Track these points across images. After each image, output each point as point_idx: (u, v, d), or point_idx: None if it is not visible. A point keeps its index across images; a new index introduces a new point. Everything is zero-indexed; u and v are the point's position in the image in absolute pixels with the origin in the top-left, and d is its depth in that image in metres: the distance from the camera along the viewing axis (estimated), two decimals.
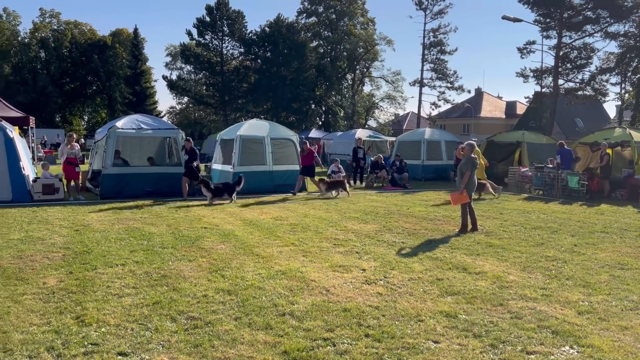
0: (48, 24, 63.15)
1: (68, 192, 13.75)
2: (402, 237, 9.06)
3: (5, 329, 4.57)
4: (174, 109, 71.46)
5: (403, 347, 4.35)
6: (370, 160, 20.79)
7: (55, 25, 63.72)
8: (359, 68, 61.32)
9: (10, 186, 12.67)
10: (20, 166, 12.90)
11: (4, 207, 11.71)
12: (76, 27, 64.79)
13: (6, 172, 12.66)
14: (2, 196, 12.51)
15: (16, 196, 12.65)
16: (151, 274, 6.44)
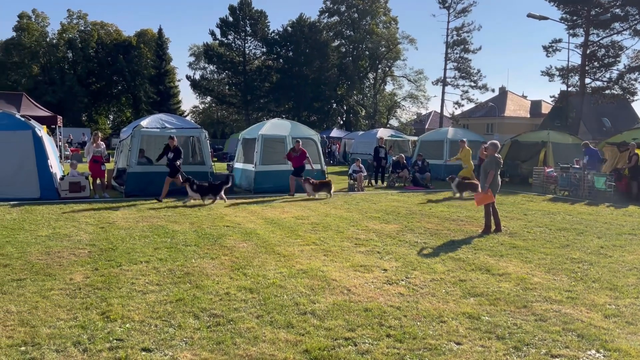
0: (75, 25, 64.37)
1: (94, 190, 14.01)
2: (424, 238, 9.00)
3: (34, 323, 4.68)
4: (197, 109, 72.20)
5: (425, 348, 4.33)
6: (392, 160, 20.69)
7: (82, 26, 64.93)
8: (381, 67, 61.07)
9: (39, 184, 12.97)
10: (48, 164, 13.20)
11: (33, 205, 11.99)
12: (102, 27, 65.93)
13: (35, 170, 12.96)
14: (31, 193, 12.81)
15: (44, 193, 12.94)
16: (174, 271, 6.53)
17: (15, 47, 59.00)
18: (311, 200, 14.12)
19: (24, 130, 13.11)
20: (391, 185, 18.77)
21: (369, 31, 56.61)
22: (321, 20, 58.56)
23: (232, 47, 58.58)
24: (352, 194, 16.07)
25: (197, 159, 15.88)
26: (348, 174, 18.59)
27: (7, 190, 12.62)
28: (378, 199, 14.83)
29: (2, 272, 6.32)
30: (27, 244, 7.90)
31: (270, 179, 15.76)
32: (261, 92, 58.48)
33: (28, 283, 5.88)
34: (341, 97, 58.32)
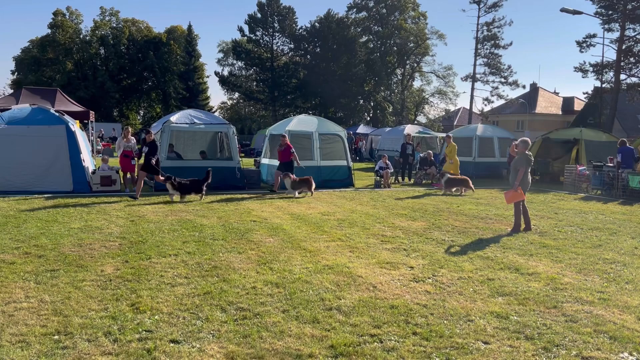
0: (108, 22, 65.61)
1: (124, 184, 14.28)
2: (452, 236, 8.91)
3: (67, 313, 4.81)
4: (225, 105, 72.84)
5: (452, 346, 4.28)
6: (419, 157, 20.52)
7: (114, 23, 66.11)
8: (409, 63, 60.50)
9: (72, 177, 13.29)
10: (81, 158, 13.52)
11: (65, 198, 12.30)
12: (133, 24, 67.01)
13: (68, 164, 13.29)
14: (64, 187, 13.14)
15: (76, 187, 13.26)
16: (202, 264, 6.61)
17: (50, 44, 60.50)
18: (337, 197, 14.11)
19: (58, 125, 13.45)
20: (418, 182, 18.62)
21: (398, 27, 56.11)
22: (349, 15, 58.32)
23: (260, 43, 58.86)
24: (378, 191, 16.00)
25: (224, 155, 16.06)
26: (374, 171, 18.52)
27: (42, 184, 12.97)
28: (405, 195, 14.72)
29: (36, 262, 6.51)
30: (61, 235, 8.11)
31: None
32: (288, 88, 58.64)
33: (61, 274, 6.05)
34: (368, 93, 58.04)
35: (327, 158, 16.38)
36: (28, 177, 12.93)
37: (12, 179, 12.83)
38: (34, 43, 62.20)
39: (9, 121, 13.20)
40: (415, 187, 17.58)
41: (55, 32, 60.75)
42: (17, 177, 12.86)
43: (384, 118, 57.40)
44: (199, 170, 14.84)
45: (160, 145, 14.71)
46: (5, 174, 12.78)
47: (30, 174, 12.96)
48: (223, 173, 15.03)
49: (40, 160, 13.01)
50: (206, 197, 13.04)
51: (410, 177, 19.58)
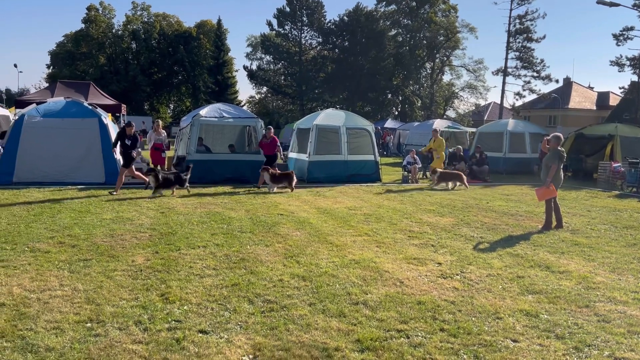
0: (139, 17, 66.65)
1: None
2: (481, 232, 8.78)
3: (99, 301, 4.93)
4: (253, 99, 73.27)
5: (480, 344, 4.23)
6: (448, 152, 20.27)
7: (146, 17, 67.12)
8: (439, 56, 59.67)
9: (104, 169, 13.59)
10: (113, 151, 13.79)
11: (98, 189, 12.58)
12: (164, 19, 67.92)
13: (100, 157, 13.60)
14: (96, 178, 13.45)
15: (108, 179, 13.54)
16: (230, 256, 6.69)
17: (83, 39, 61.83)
18: (364, 191, 14.06)
19: (91, 118, 13.76)
20: None
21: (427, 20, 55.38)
22: (378, 9, 57.84)
23: (288, 37, 58.96)
24: (405, 186, 15.89)
25: (252, 148, 16.17)
26: (402, 166, 18.39)
27: (75, 175, 13.30)
28: (433, 191, 14.58)
29: (70, 252, 6.69)
30: (93, 226, 8.31)
31: (323, 169, 15.83)
32: (316, 83, 58.62)
33: (94, 263, 6.20)
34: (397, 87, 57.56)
35: (354, 152, 16.33)
36: (62, 168, 13.27)
37: (47, 170, 13.19)
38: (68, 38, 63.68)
39: (44, 114, 13.57)
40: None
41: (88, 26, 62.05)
42: (52, 168, 13.22)
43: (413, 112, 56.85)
44: (227, 164, 15.04)
45: (190, 138, 14.92)
46: (40, 166, 13.16)
47: (64, 165, 13.30)
48: (251, 166, 15.14)
49: (73, 152, 13.35)
50: (232, 190, 13.15)
51: None
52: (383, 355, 3.97)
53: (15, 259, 6.29)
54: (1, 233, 7.61)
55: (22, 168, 13.12)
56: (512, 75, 49.17)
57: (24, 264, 6.06)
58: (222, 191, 13.06)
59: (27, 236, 7.46)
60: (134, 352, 3.90)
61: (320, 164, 15.83)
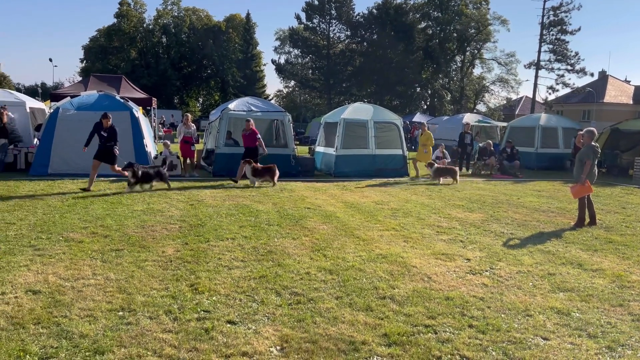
0: (170, 11, 67.57)
1: (184, 169, 14.74)
2: (511, 228, 8.64)
3: (130, 291, 5.04)
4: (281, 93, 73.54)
5: (509, 341, 4.17)
6: (478, 147, 19.99)
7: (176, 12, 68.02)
8: (470, 49, 58.75)
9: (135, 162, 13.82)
10: (144, 143, 14.05)
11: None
12: (194, 13, 68.67)
13: (132, 149, 13.84)
14: None
15: None
16: (258, 249, 6.74)
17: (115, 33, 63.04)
18: (391, 186, 13.98)
19: (123, 111, 14.02)
20: (476, 173, 18.16)
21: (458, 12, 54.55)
22: (407, 1, 57.26)
23: (316, 31, 58.88)
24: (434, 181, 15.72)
25: (280, 142, 16.23)
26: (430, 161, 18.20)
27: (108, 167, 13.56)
28: (462, 186, 14.40)
29: (103, 242, 6.85)
30: (125, 217, 8.48)
31: (350, 163, 15.79)
32: (344, 76, 58.45)
33: (125, 253, 6.33)
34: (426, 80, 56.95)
35: (382, 147, 16.24)
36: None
37: (81, 162, 13.48)
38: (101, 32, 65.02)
39: (78, 107, 13.89)
40: (473, 177, 17.15)
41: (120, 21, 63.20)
42: (86, 160, 13.49)
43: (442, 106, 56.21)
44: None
45: (219, 132, 15.07)
46: (74, 158, 13.47)
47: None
48: (278, 160, 15.20)
49: None
50: (261, 184, 13.24)
51: (468, 167, 19.11)
52: (410, 350, 3.95)
53: (50, 248, 6.48)
54: (37, 223, 7.85)
55: (56, 160, 13.47)
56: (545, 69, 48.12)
57: (59, 253, 6.24)
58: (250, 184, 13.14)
59: (61, 226, 7.67)
60: (164, 340, 3.98)
61: (347, 158, 15.80)
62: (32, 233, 7.19)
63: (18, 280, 5.20)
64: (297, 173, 15.34)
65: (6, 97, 16.76)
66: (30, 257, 6.02)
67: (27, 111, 16.37)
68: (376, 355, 3.86)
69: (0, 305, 4.56)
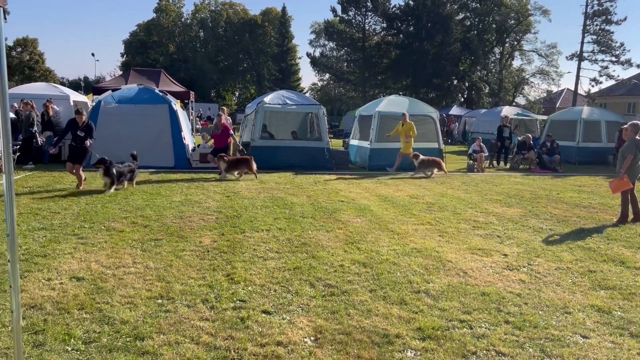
0: (207, 5, 68.37)
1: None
2: (550, 224, 8.44)
3: (169, 279, 5.17)
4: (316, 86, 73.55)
5: (547, 338, 4.09)
6: (517, 140, 19.54)
7: (213, 6, 68.76)
8: (509, 41, 57.28)
9: (173, 154, 14.15)
10: (182, 136, 14.33)
11: (168, 173, 13.13)
12: (231, 7, 69.28)
13: (170, 142, 14.16)
14: (166, 163, 14.02)
15: (177, 163, 14.11)
16: (292, 240, 6.80)
17: (154, 28, 64.28)
18: (426, 180, 13.84)
19: (162, 104, 14.33)
20: (515, 167, 17.78)
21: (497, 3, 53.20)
22: None
23: (352, 23, 58.52)
24: (471, 175, 15.49)
25: (314, 135, 16.28)
26: (467, 154, 17.92)
27: (147, 159, 13.88)
28: (499, 181, 14.13)
29: (142, 232, 7.04)
30: (164, 208, 8.69)
31: (385, 156, 15.69)
32: (379, 69, 57.96)
33: (164, 243, 6.49)
34: (463, 73, 55.89)
35: (418, 140, 16.04)
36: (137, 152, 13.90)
37: (121, 154, 13.81)
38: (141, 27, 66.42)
39: (118, 100, 14.27)
40: (511, 172, 16.80)
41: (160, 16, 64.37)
42: (125, 152, 13.87)
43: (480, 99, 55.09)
44: (289, 150, 15.24)
45: (255, 125, 15.22)
46: (114, 150, 13.80)
47: (136, 149, 13.87)
48: (313, 153, 15.28)
49: (145, 137, 13.95)
50: (295, 177, 13.32)
51: (506, 161, 18.73)
52: (445, 344, 3.93)
53: (93, 236, 6.70)
54: (81, 212, 8.12)
55: (98, 152, 13.83)
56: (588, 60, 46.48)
57: (101, 242, 6.45)
58: (284, 177, 13.25)
59: (103, 216, 7.92)
60: (201, 328, 4.07)
61: (382, 151, 15.71)
62: (76, 222, 7.45)
63: (63, 267, 5.41)
64: (331, 166, 15.35)
65: (51, 90, 17.37)
66: (74, 245, 6.25)
67: (71, 104, 16.92)
68: (410, 349, 3.85)
69: (46, 290, 4.76)
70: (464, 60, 55.67)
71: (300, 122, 17.66)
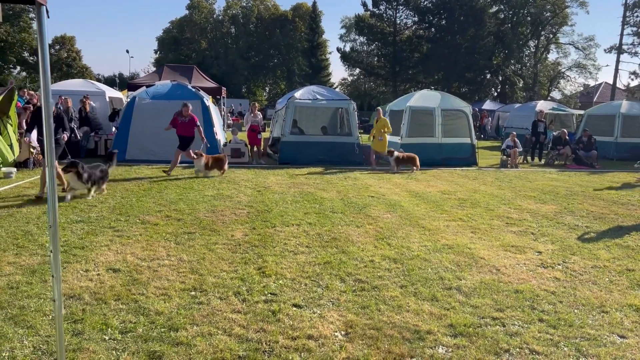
0: (238, 2, 68.91)
1: (251, 157, 15.11)
2: (586, 221, 8.23)
3: (202, 272, 5.26)
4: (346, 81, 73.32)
5: (582, 337, 4.01)
6: (552, 136, 19.09)
7: (244, 2, 69.26)
8: (544, 34, 55.90)
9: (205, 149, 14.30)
10: (214, 132, 14.51)
11: None
12: (262, 3, 69.66)
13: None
14: None
15: None
16: (322, 235, 6.83)
17: (187, 24, 65.20)
18: (458, 175, 13.66)
19: (195, 100, 14.51)
20: (549, 163, 17.39)
21: None
22: None
23: (383, 17, 58.07)
24: (504, 171, 15.22)
25: (344, 130, 16.26)
26: (501, 149, 17.61)
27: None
28: (534, 177, 13.85)
29: (176, 225, 7.17)
30: (196, 202, 8.83)
31: (416, 152, 15.52)
32: (410, 63, 57.39)
33: (197, 236, 6.61)
34: (496, 67, 54.80)
35: (449, 135, 15.88)
36: (169, 147, 14.13)
37: (156, 149, 14.15)
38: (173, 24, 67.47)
39: (153, 96, 14.54)
40: (546, 168, 16.44)
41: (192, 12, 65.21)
42: (160, 147, 14.15)
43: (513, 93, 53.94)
44: (319, 145, 15.26)
45: (285, 120, 15.29)
46: (149, 145, 14.15)
47: (170, 144, 14.16)
48: (342, 148, 15.26)
49: None
50: (325, 172, 13.34)
51: (540, 157, 18.33)
52: (477, 341, 3.89)
53: (128, 229, 6.87)
54: (116, 206, 8.33)
55: (133, 146, 14.19)
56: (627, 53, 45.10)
57: (136, 235, 6.60)
58: (314, 172, 13.28)
59: (138, 209, 8.11)
60: (233, 320, 4.14)
61: (412, 146, 15.55)
62: (112, 215, 7.65)
63: (100, 259, 5.57)
64: (361, 162, 15.31)
65: (88, 87, 17.84)
66: (110, 238, 6.42)
67: (107, 100, 17.34)
68: (442, 345, 3.83)
69: (84, 281, 4.91)
70: (498, 54, 54.59)
71: (330, 117, 17.67)
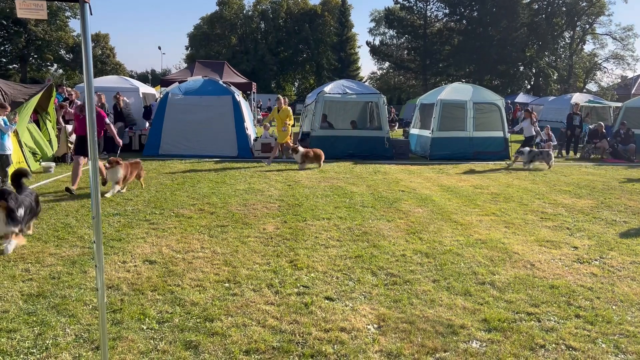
0: None
1: (281, 151, 15.19)
2: (624, 216, 8.01)
3: (235, 264, 5.35)
4: (375, 75, 72.84)
5: (621, 333, 3.92)
6: (588, 129, 18.59)
7: None
8: (580, 24, 54.35)
9: (237, 144, 14.51)
10: (245, 127, 14.66)
11: (232, 162, 13.47)
12: None
13: (233, 132, 14.51)
14: (230, 152, 14.40)
15: (240, 152, 14.45)
16: (353, 229, 6.84)
17: (218, 20, 65.74)
18: (491, 169, 13.46)
19: (226, 96, 14.70)
20: (585, 157, 16.96)
21: None
22: None
23: (413, 10, 57.45)
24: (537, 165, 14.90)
25: (374, 124, 16.19)
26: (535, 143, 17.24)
27: (212, 149, 14.35)
28: (569, 171, 13.53)
29: (209, 218, 7.29)
30: (228, 195, 8.95)
31: (447, 146, 15.39)
32: (440, 56, 56.64)
33: (230, 229, 6.70)
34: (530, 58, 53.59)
35: (481, 128, 15.63)
36: (200, 142, 14.39)
37: (188, 144, 14.39)
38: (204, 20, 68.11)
39: (185, 92, 14.76)
40: (582, 162, 16.04)
41: (222, 8, 65.74)
42: (192, 142, 14.39)
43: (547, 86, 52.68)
44: (349, 140, 15.24)
45: (315, 115, 15.32)
46: (182, 140, 14.39)
47: (202, 139, 14.41)
48: (372, 143, 15.20)
49: (210, 127, 14.38)
50: (355, 166, 13.31)
51: (576, 151, 17.88)
52: (512, 336, 3.85)
53: (163, 222, 7.02)
54: (151, 199, 8.52)
55: (166, 141, 14.45)
56: None
57: (171, 227, 6.74)
58: (344, 166, 13.28)
59: (172, 203, 8.27)
60: (267, 312, 4.20)
61: (443, 140, 15.41)
62: (147, 208, 7.82)
63: (136, 251, 5.71)
64: (391, 156, 15.23)
65: (122, 83, 18.22)
66: (146, 230, 6.58)
67: (141, 96, 17.68)
68: (475, 340, 3.80)
69: (122, 272, 5.05)
70: (531, 46, 53.37)
71: (360, 112, 17.62)
